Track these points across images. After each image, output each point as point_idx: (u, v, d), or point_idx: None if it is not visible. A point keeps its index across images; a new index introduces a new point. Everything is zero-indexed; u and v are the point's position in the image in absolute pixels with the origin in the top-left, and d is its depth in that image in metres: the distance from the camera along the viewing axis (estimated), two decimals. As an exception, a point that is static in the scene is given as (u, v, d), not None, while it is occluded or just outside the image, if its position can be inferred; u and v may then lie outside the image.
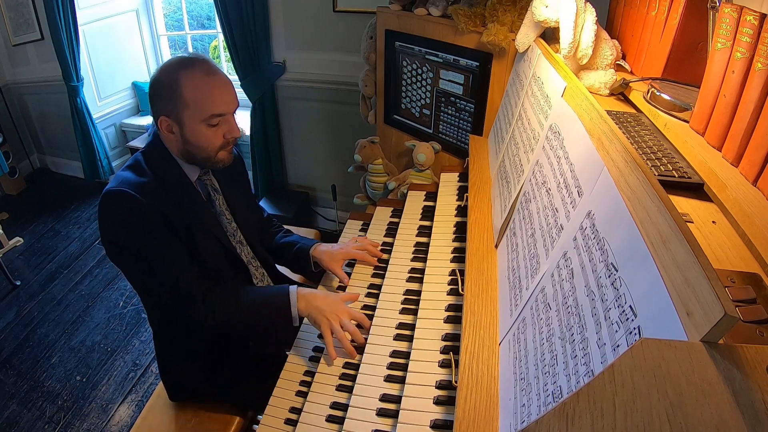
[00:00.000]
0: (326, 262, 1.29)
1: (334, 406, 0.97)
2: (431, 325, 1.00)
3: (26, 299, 2.55)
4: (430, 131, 1.78)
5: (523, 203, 0.98)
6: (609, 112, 1.07)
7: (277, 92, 2.79)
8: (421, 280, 1.15)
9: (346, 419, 0.90)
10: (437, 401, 0.85)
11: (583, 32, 1.19)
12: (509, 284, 0.89)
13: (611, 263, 0.58)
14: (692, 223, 0.76)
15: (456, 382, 0.82)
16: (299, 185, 3.10)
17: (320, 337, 1.18)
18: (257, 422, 1.06)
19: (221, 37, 3.04)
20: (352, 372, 1.02)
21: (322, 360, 1.08)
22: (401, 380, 0.92)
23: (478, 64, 1.48)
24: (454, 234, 1.26)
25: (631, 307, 0.51)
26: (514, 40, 1.32)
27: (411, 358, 0.94)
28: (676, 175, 0.85)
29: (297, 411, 1.00)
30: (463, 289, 1.01)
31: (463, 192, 1.42)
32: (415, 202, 1.50)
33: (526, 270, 0.84)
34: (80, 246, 2.97)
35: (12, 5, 3.22)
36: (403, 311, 1.11)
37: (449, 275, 1.12)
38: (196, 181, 1.15)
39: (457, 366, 0.85)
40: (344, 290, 1.26)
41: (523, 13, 1.30)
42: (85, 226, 3.16)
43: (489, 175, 1.34)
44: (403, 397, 0.87)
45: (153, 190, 1.03)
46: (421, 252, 1.27)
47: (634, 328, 0.50)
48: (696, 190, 0.84)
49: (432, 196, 1.51)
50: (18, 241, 2.86)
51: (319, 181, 3.00)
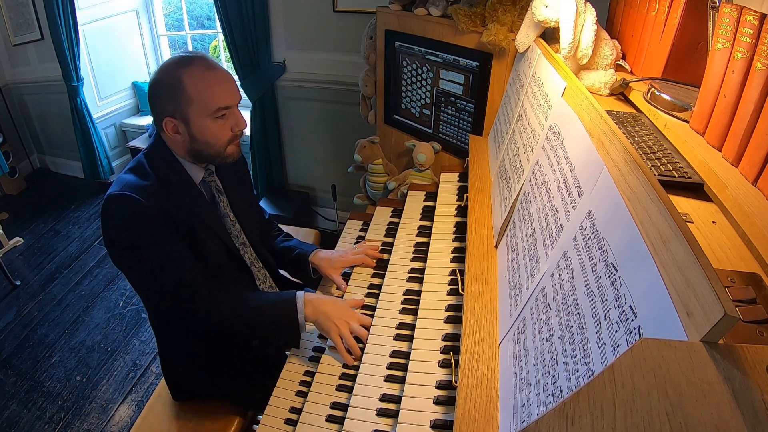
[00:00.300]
0: (325, 269, 1.29)
1: (334, 406, 0.97)
2: (431, 325, 1.00)
3: (26, 299, 2.55)
4: (430, 131, 1.78)
5: (523, 203, 0.98)
6: (609, 112, 1.07)
7: (277, 92, 2.79)
8: (421, 280, 1.15)
9: (346, 419, 0.90)
10: (437, 401, 0.85)
11: (583, 32, 1.19)
12: (509, 284, 0.89)
13: (611, 263, 0.58)
14: (692, 223, 0.76)
15: (456, 382, 0.82)
16: (299, 185, 3.10)
17: (321, 337, 1.18)
18: (257, 422, 1.06)
19: (221, 37, 3.04)
20: (352, 372, 1.02)
21: (322, 360, 1.08)
22: (401, 380, 0.92)
23: (478, 64, 1.48)
24: (454, 234, 1.26)
25: (631, 307, 0.51)
26: (514, 40, 1.32)
27: (411, 358, 0.94)
28: (676, 175, 0.85)
29: (297, 411, 1.00)
30: (463, 289, 1.01)
31: (463, 192, 1.42)
32: (415, 202, 1.50)
33: (526, 270, 0.84)
34: (80, 246, 2.97)
35: (12, 5, 3.22)
36: (403, 311, 1.11)
37: (449, 275, 1.12)
38: (201, 183, 1.15)
39: (457, 366, 0.84)
40: (342, 296, 1.25)
41: (523, 13, 1.30)
42: (85, 226, 3.16)
43: (489, 175, 1.34)
44: (403, 397, 0.87)
45: (156, 193, 1.03)
46: (421, 252, 1.27)
47: (634, 328, 0.50)
48: (696, 190, 0.84)
49: (432, 196, 1.51)
50: (18, 241, 2.86)
51: (319, 181, 3.00)
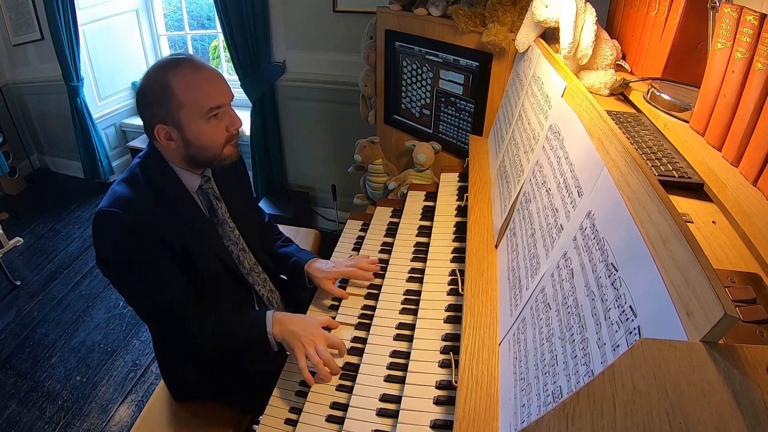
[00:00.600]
0: (318, 280, 1.28)
1: (334, 406, 0.97)
2: (431, 325, 1.00)
3: (26, 299, 2.55)
4: (430, 131, 1.78)
5: (523, 203, 0.98)
6: (609, 112, 1.07)
7: (277, 92, 2.79)
8: (421, 280, 1.15)
9: (346, 419, 0.90)
10: (437, 401, 0.85)
11: (583, 32, 1.19)
12: (509, 284, 0.89)
13: (611, 263, 0.58)
14: (692, 223, 0.76)
15: (456, 382, 0.82)
16: (299, 185, 3.10)
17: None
18: (257, 422, 1.06)
19: (221, 37, 3.04)
20: (352, 372, 1.02)
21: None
22: (401, 380, 0.92)
23: (478, 64, 1.48)
24: (454, 234, 1.26)
25: (631, 307, 0.51)
26: (514, 40, 1.32)
27: (411, 358, 0.94)
28: (676, 175, 0.85)
29: (297, 411, 1.00)
30: (463, 289, 1.01)
31: (463, 192, 1.42)
32: (415, 202, 1.50)
33: (526, 270, 0.84)
34: (80, 246, 2.97)
35: (12, 5, 3.21)
36: (403, 311, 1.11)
37: (449, 275, 1.12)
38: (197, 191, 1.13)
39: (457, 366, 0.84)
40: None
41: (523, 13, 1.30)
42: (85, 226, 3.16)
43: (489, 175, 1.34)
44: (403, 397, 0.87)
45: (148, 206, 1.01)
46: (421, 252, 1.27)
47: (634, 328, 0.50)
48: (696, 190, 0.84)
49: (432, 196, 1.51)
50: (18, 241, 2.85)
51: (319, 181, 3.00)
